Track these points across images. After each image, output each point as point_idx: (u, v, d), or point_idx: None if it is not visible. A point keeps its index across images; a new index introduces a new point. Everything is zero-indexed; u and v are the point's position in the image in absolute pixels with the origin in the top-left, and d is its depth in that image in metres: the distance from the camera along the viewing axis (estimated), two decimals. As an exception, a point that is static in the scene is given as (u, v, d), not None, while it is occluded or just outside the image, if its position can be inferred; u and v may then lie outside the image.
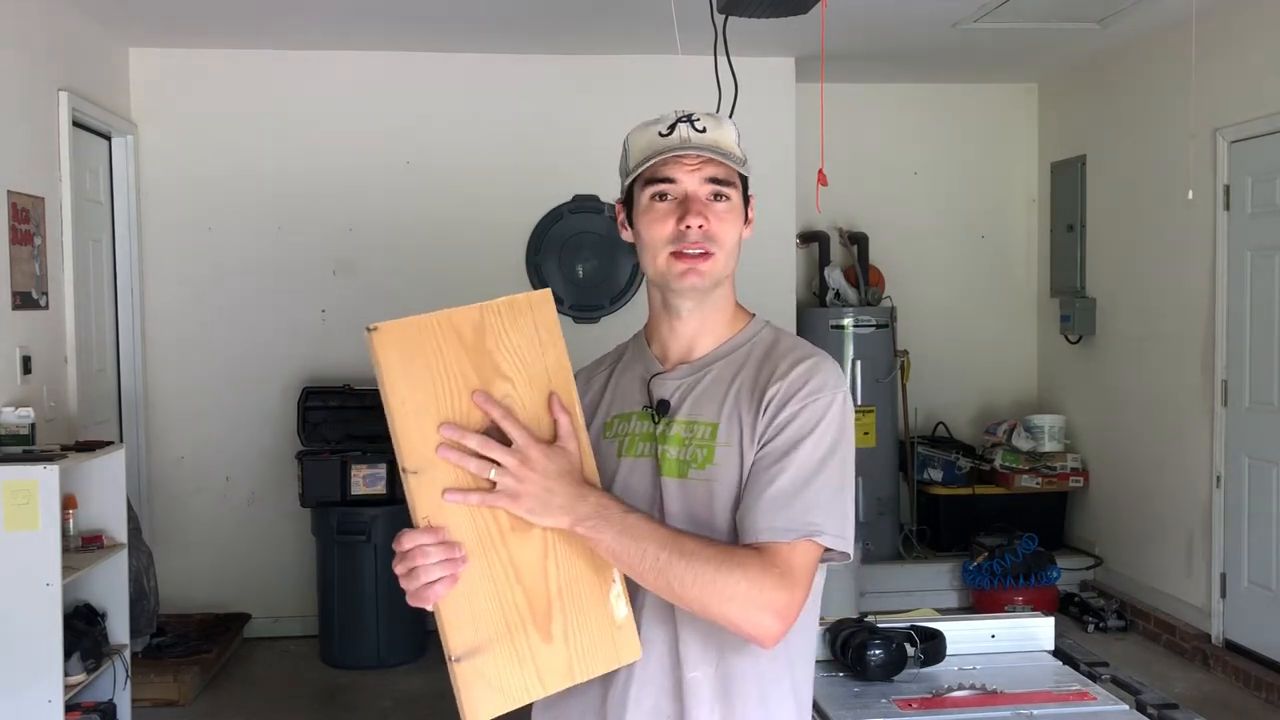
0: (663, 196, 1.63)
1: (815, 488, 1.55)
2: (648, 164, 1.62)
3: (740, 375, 1.65)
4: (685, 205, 1.62)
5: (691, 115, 1.64)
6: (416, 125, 6.12)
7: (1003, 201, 7.19)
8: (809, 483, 1.55)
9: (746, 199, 1.69)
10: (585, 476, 1.55)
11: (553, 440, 1.53)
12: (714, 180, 1.62)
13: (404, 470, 1.45)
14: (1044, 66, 6.74)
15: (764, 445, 1.57)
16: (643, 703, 1.60)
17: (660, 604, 1.59)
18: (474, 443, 1.47)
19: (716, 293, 1.68)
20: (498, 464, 1.47)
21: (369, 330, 1.45)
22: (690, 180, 1.62)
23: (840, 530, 1.55)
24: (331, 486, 5.43)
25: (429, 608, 1.47)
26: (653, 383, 1.70)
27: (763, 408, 1.59)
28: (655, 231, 1.63)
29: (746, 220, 1.69)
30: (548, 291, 1.57)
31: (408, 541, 1.46)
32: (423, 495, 1.46)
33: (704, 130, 1.62)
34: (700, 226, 1.61)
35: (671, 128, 1.63)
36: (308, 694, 5.22)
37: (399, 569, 1.47)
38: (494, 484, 1.48)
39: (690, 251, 1.61)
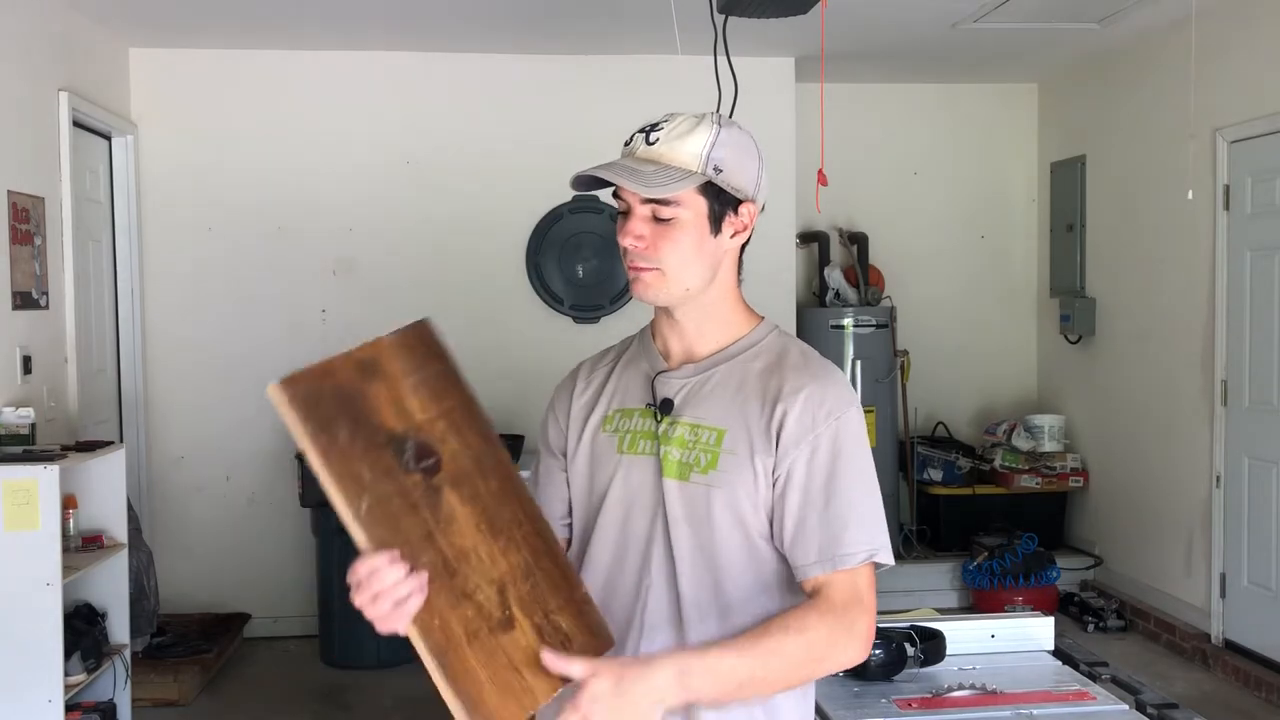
0: (624, 211, 1.63)
1: (862, 510, 1.58)
2: (576, 177, 1.62)
3: (747, 382, 1.64)
4: (625, 223, 1.62)
5: (657, 125, 1.61)
6: (416, 125, 6.12)
7: (1002, 201, 7.19)
8: (856, 506, 1.58)
9: (731, 206, 1.63)
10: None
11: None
12: (650, 200, 1.59)
13: (354, 511, 1.39)
14: (1044, 66, 6.74)
15: (796, 478, 1.58)
16: None
17: (665, 603, 1.60)
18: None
19: (705, 298, 1.66)
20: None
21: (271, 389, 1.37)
22: (632, 199, 1.61)
23: (888, 542, 1.60)
24: (331, 486, 5.42)
25: (401, 630, 1.41)
26: (657, 380, 1.68)
27: (776, 426, 1.59)
28: (621, 244, 1.65)
29: (719, 230, 1.62)
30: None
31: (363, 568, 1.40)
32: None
33: (655, 142, 1.60)
34: (634, 246, 1.61)
35: (632, 138, 1.63)
36: (308, 694, 5.22)
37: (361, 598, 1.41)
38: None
39: (632, 265, 1.63)
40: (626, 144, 1.63)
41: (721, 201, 1.62)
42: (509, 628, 1.46)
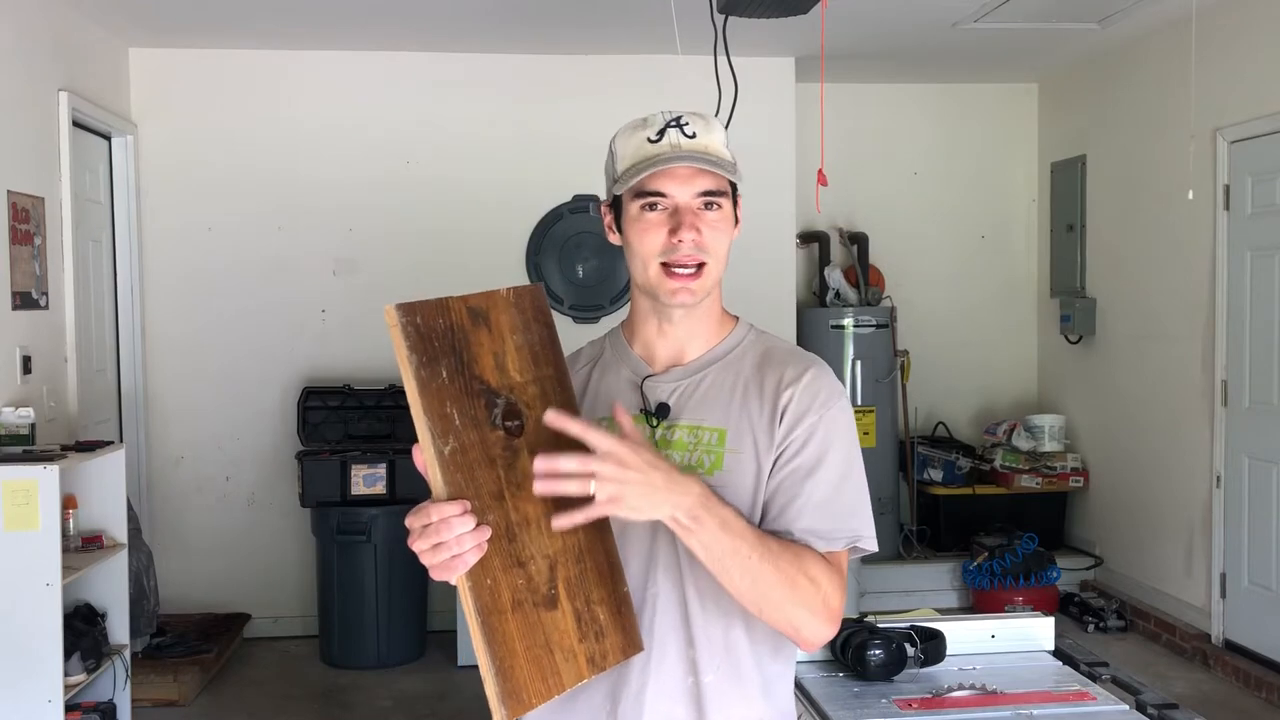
0: (653, 206, 1.59)
1: (851, 494, 1.59)
2: (640, 176, 1.57)
3: (740, 380, 1.64)
4: (677, 217, 1.58)
5: (680, 119, 1.59)
6: (416, 125, 6.13)
7: (1003, 201, 7.19)
8: (844, 490, 1.58)
9: (735, 201, 1.66)
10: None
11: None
12: (706, 192, 1.59)
13: (438, 449, 1.38)
14: (1044, 66, 6.74)
15: (790, 456, 1.58)
16: (658, 710, 1.58)
17: (672, 608, 1.58)
18: (572, 464, 1.39)
19: (711, 297, 1.66)
20: (594, 475, 1.39)
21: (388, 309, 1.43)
22: (682, 192, 1.58)
23: (873, 531, 1.61)
24: (331, 486, 5.43)
25: (452, 581, 1.40)
26: (645, 386, 1.66)
27: (779, 416, 1.59)
28: (646, 242, 1.60)
29: (735, 222, 1.66)
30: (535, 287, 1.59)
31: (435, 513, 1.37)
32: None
33: (694, 135, 1.58)
34: (693, 240, 1.58)
35: (661, 133, 1.58)
36: (308, 694, 5.22)
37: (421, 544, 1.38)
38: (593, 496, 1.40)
39: (683, 268, 1.58)
40: (655, 139, 1.58)
41: (735, 193, 1.66)
42: (552, 606, 1.45)
